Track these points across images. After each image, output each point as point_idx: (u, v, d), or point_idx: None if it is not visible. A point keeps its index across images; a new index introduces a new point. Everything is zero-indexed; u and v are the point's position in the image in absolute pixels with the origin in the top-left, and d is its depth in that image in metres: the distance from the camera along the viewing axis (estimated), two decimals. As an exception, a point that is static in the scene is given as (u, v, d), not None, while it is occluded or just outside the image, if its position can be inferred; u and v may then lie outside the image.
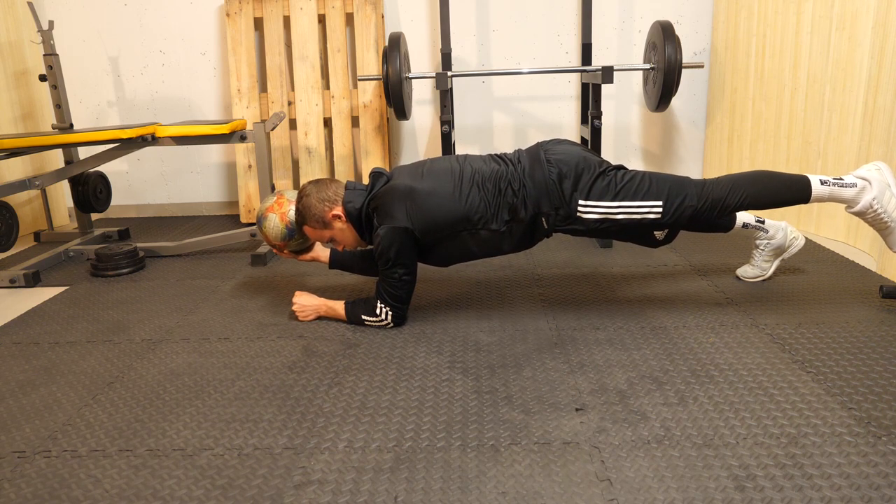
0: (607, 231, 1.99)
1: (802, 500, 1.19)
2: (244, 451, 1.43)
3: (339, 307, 2.12)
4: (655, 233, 2.01)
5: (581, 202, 1.93)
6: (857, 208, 1.90)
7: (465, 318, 2.14)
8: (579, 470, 1.31)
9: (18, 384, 1.80)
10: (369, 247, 2.15)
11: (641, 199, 1.91)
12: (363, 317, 2.08)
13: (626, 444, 1.39)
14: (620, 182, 1.93)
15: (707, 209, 1.91)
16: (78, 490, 1.32)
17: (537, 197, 1.94)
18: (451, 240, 2.02)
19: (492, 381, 1.70)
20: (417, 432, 1.47)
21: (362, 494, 1.27)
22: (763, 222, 2.25)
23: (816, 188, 1.90)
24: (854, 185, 1.89)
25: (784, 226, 2.26)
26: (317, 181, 2.09)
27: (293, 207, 2.12)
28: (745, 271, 2.36)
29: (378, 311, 2.05)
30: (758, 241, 2.29)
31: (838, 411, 1.49)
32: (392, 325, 2.08)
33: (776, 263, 2.32)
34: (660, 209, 1.90)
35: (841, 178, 1.90)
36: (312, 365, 1.84)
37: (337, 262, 2.31)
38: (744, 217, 2.25)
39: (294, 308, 2.15)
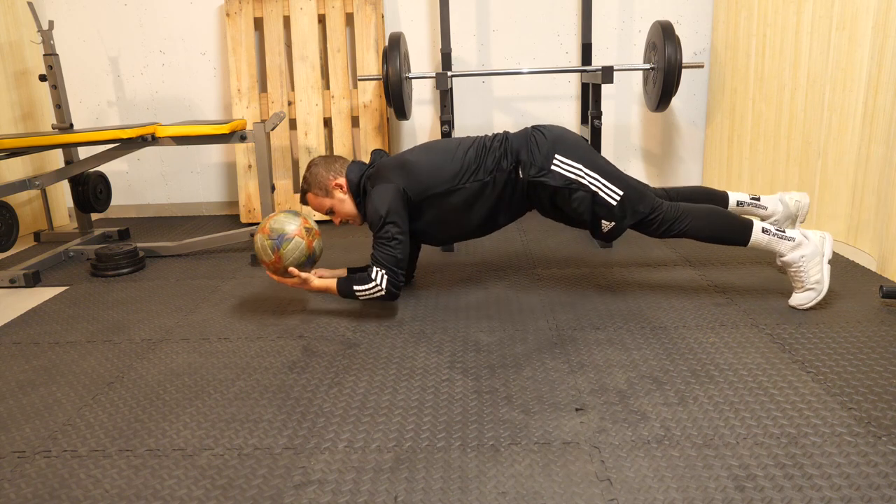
0: (568, 199, 2.10)
1: (802, 500, 1.19)
2: (244, 451, 1.43)
3: (331, 283, 2.12)
4: (603, 221, 2.12)
5: (558, 156, 2.09)
6: (784, 259, 2.05)
7: (465, 318, 2.14)
8: (579, 470, 1.31)
9: (18, 384, 1.80)
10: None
11: (609, 181, 2.08)
12: (355, 288, 2.07)
13: (626, 444, 1.39)
14: (598, 159, 2.13)
15: (650, 221, 2.09)
16: (78, 490, 1.32)
17: (518, 147, 2.14)
18: (442, 201, 2.13)
19: (492, 381, 1.70)
20: (417, 432, 1.47)
21: (362, 494, 1.27)
22: (759, 199, 2.29)
23: (756, 235, 2.04)
24: (793, 239, 2.03)
25: (778, 197, 2.29)
26: (325, 156, 2.27)
27: (318, 241, 2.13)
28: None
29: (373, 276, 2.05)
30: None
31: (838, 411, 1.49)
32: (385, 293, 2.06)
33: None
34: (618, 196, 2.06)
35: (783, 232, 2.04)
36: (312, 365, 1.84)
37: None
38: (738, 196, 2.31)
39: (293, 282, 2.10)
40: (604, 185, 2.07)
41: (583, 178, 2.07)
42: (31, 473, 1.38)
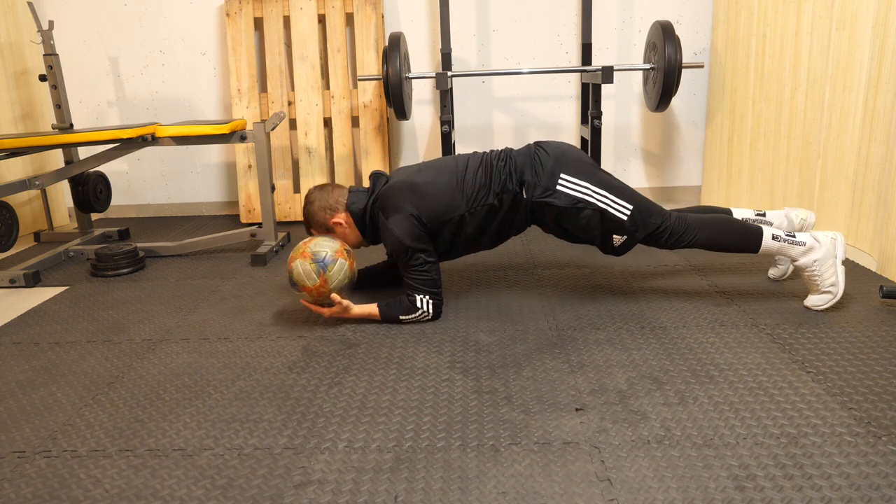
0: (575, 218, 2.06)
1: (802, 500, 1.19)
2: (244, 451, 1.43)
3: (372, 309, 2.10)
4: (614, 236, 2.09)
5: (563, 175, 2.05)
6: (798, 263, 2.05)
7: (465, 318, 2.14)
8: (579, 470, 1.31)
9: (18, 384, 1.80)
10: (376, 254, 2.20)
11: (617, 196, 2.05)
12: (401, 317, 2.08)
13: (626, 444, 1.39)
14: (603, 175, 2.10)
15: (661, 233, 2.07)
16: (78, 490, 1.32)
17: (522, 166, 2.09)
18: (454, 227, 2.09)
19: (492, 381, 1.70)
20: (417, 432, 1.47)
21: (362, 494, 1.27)
22: (764, 214, 2.28)
23: (767, 242, 2.04)
24: (804, 243, 2.02)
25: (784, 213, 2.28)
26: (321, 187, 2.20)
27: (355, 263, 2.12)
28: (773, 272, 2.37)
29: (418, 304, 2.06)
30: None
31: (838, 411, 1.49)
32: (431, 316, 2.08)
33: None
34: (628, 212, 2.05)
35: (793, 236, 2.03)
36: (312, 365, 1.84)
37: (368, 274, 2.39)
38: (743, 213, 2.29)
39: (332, 311, 2.07)
40: (612, 201, 2.04)
41: (590, 196, 2.03)
42: (31, 473, 1.38)
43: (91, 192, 3.29)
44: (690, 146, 3.73)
